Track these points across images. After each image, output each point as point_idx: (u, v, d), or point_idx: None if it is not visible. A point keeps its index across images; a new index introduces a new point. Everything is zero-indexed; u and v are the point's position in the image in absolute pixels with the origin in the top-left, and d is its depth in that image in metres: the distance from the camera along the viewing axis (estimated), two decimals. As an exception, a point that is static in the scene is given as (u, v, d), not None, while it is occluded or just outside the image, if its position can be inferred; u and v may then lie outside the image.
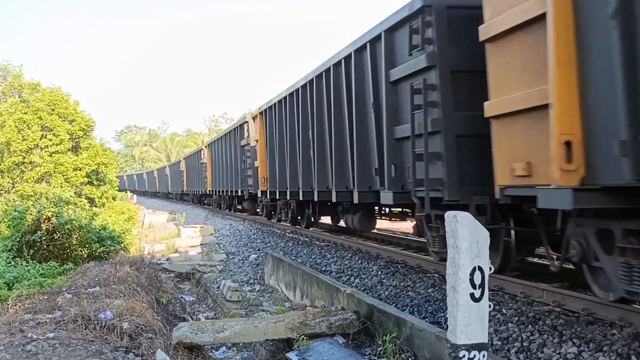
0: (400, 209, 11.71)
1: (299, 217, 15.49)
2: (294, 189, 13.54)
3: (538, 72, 5.08)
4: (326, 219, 15.52)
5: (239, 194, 22.65)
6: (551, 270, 6.21)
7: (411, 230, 14.10)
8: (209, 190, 30.75)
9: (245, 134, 20.94)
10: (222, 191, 26.62)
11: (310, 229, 14.83)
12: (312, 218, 14.89)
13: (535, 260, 8.31)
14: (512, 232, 6.85)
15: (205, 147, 32.44)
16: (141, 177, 72.47)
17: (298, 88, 13.07)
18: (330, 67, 10.86)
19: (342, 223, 13.92)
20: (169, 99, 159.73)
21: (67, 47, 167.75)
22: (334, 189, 10.88)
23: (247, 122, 20.71)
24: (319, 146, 11.76)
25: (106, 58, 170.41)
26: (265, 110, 16.41)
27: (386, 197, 8.39)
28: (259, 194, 18.11)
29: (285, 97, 14.26)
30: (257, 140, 18.04)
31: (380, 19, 8.46)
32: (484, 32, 5.90)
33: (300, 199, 13.14)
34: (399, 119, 8.10)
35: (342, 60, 10.19)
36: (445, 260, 5.93)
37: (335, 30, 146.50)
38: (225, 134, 26.14)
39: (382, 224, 14.14)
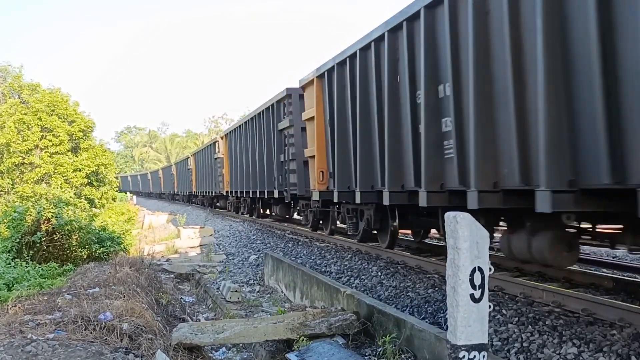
0: None
1: (374, 231, 10.66)
2: (367, 189, 9.37)
3: (313, 140, 11.68)
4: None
5: (275, 195, 16.53)
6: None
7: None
8: (226, 192, 25.16)
9: (287, 112, 14.85)
10: (244, 193, 21.25)
11: (395, 249, 10.12)
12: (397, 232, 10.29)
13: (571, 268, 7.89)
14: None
15: (222, 138, 26.30)
16: (145, 177, 71.83)
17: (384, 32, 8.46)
18: (261, 111, 17.46)
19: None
20: (168, 100, 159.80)
21: (67, 48, 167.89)
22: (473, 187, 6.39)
23: (290, 95, 14.55)
24: (427, 118, 7.33)
25: (106, 58, 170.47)
26: (326, 72, 11.00)
27: (275, 193, 16.24)
28: (315, 197, 11.79)
29: (239, 126, 16.90)
30: (311, 118, 11.99)
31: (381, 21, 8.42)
32: (302, 117, 12.74)
33: (386, 202, 8.49)
34: (281, 150, 15.67)
35: (263, 111, 17.89)
36: (313, 228, 14.22)
37: (336, 31, 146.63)
38: (251, 117, 19.57)
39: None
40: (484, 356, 3.97)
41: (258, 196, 19.20)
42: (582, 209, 5.06)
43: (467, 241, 3.94)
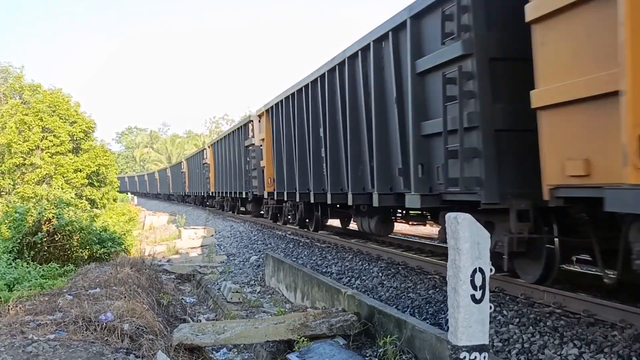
0: (420, 212, 10.15)
1: (306, 220, 14.80)
2: (304, 191, 13.01)
3: (605, 53, 4.42)
4: (334, 222, 14.70)
5: (243, 195, 21.44)
6: (605, 283, 5.75)
7: (411, 232, 14.16)
8: (212, 192, 29.95)
9: (250, 134, 19.69)
10: (225, 193, 25.65)
11: (319, 232, 14.12)
12: (322, 221, 14.14)
13: (571, 268, 7.80)
14: (556, 240, 6.18)
15: (209, 147, 31.67)
16: (142, 178, 72.23)
17: (308, 84, 12.35)
18: (344, 60, 10.10)
19: (352, 226, 13.85)
20: (169, 101, 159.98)
21: (68, 49, 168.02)
22: (350, 191, 10.09)
23: (252, 121, 19.46)
24: (332, 145, 11.03)
25: (107, 59, 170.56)
26: (272, 107, 15.67)
27: (412, 200, 7.53)
28: (265, 196, 17.37)
29: (293, 94, 13.56)
30: (262, 140, 17.25)
31: (406, 4, 7.62)
32: (533, 10, 5.18)
33: (312, 201, 12.44)
34: (427, 113, 7.35)
35: (359, 52, 9.47)
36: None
37: (337, 32, 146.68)
38: (228, 134, 25.14)
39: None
40: (484, 357, 3.97)
41: (237, 196, 23.21)
42: None
43: (467, 242, 3.94)
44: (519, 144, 6.10)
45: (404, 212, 10.75)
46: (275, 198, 16.09)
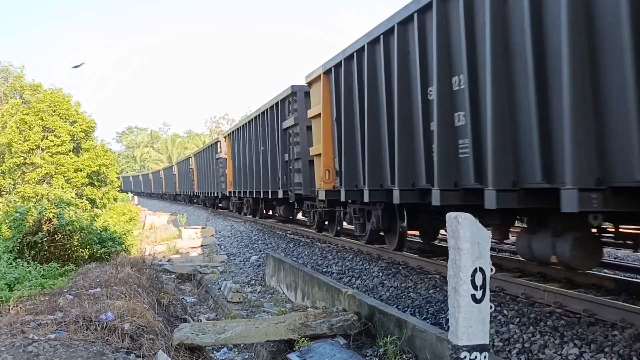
0: None
1: (381, 232, 10.38)
2: (375, 187, 9.05)
3: (319, 138, 11.40)
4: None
5: (280, 195, 16.11)
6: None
7: (411, 232, 14.07)
8: (229, 192, 24.94)
9: (292, 107, 14.82)
10: (248, 193, 20.85)
11: (402, 251, 9.83)
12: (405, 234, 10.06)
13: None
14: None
15: (224, 137, 26.26)
16: (147, 177, 71.82)
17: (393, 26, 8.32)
18: (265, 110, 17.49)
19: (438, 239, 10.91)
20: (170, 100, 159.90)
21: (69, 48, 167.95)
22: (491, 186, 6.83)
23: (295, 92, 14.29)
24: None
25: (108, 59, 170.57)
26: (335, 65, 10.54)
27: (280, 193, 16.14)
28: (322, 197, 11.35)
29: (242, 125, 20.40)
30: (318, 115, 11.56)
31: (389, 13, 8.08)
32: (308, 114, 12.49)
33: (397, 201, 8.17)
34: (285, 149, 15.53)
35: (267, 109, 17.67)
36: (318, 229, 13.78)
37: (337, 30, 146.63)
38: (256, 116, 19.07)
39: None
40: (485, 357, 3.97)
41: (262, 197, 18.48)
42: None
43: (468, 242, 3.94)
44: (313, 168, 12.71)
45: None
46: (344, 198, 10.23)
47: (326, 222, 13.42)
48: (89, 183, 23.07)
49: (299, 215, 18.31)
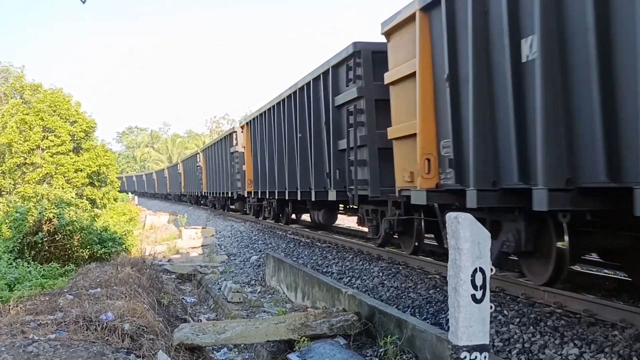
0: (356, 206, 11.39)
1: (280, 215, 18.08)
2: (280, 189, 15.97)
3: (409, 110, 7.81)
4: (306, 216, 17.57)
5: (229, 195, 21.66)
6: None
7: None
8: (204, 192, 30.84)
9: (234, 142, 23.43)
10: (216, 193, 28.11)
11: (291, 224, 17.45)
12: (292, 215, 17.57)
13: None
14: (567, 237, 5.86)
15: (201, 152, 31.57)
16: (140, 178, 71.75)
17: (279, 101, 15.61)
18: (296, 91, 13.99)
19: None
20: (170, 100, 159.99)
21: (69, 48, 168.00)
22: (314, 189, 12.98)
23: (236, 131, 23.05)
24: (301, 152, 13.80)
25: (108, 59, 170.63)
26: (250, 121, 19.94)
27: (331, 194, 11.89)
28: (245, 195, 20.62)
29: (269, 109, 16.91)
30: (408, 77, 8.40)
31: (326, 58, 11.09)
32: (387, 79, 8.64)
33: (286, 197, 15.26)
34: (340, 134, 11.22)
35: (311, 82, 12.88)
36: (382, 244, 10.32)
37: (337, 30, 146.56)
38: (216, 142, 27.30)
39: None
40: (485, 357, 3.97)
41: (300, 198, 14.09)
42: None
43: (468, 242, 3.94)
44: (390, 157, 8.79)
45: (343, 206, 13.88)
46: (259, 196, 18.76)
47: (259, 211, 15.46)
48: (89, 183, 23.08)
49: (354, 224, 14.29)
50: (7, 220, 12.92)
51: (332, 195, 11.70)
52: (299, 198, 13.98)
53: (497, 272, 4.26)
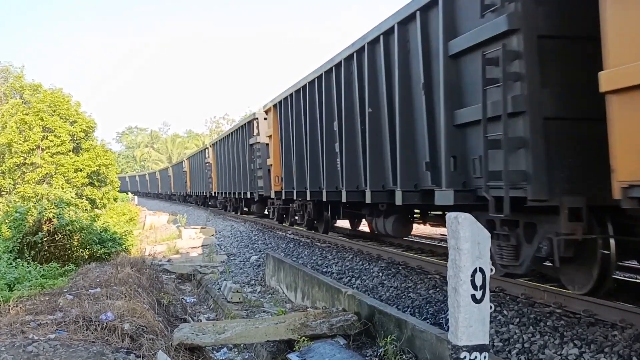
0: (441, 212, 9.36)
1: (315, 221, 14.09)
2: (315, 189, 12.35)
3: (271, 153, 14.13)
4: (342, 223, 14.98)
5: (248, 196, 21.27)
6: None
7: (412, 232, 13.91)
8: (215, 192, 29.84)
9: (255, 131, 19.53)
10: (229, 193, 25.77)
11: (329, 233, 13.67)
12: (331, 222, 13.72)
13: None
14: (612, 241, 5.60)
15: (210, 146, 30.94)
16: (143, 178, 71.29)
17: (321, 74, 11.61)
18: (364, 46, 9.36)
19: (362, 227, 14.61)
20: (170, 100, 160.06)
21: (69, 48, 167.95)
22: (368, 189, 9.29)
23: (257, 118, 19.35)
24: (347, 140, 10.28)
25: (108, 59, 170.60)
26: (281, 102, 14.91)
27: (444, 196, 6.74)
28: (272, 195, 16.65)
29: (305, 86, 12.74)
30: (269, 137, 16.41)
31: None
32: (265, 135, 15.25)
33: (324, 199, 11.71)
34: (461, 100, 6.58)
35: (381, 37, 8.73)
36: (512, 275, 6.43)
37: (337, 30, 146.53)
38: (231, 132, 24.93)
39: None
40: (485, 357, 3.97)
41: (241, 196, 22.60)
42: None
43: (468, 242, 3.94)
44: (571, 134, 5.47)
45: (422, 212, 10.23)
46: (283, 197, 15.08)
47: (284, 215, 16.96)
48: (89, 183, 23.08)
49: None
50: (7, 220, 12.92)
51: (249, 195, 13.86)
52: (241, 196, 16.81)
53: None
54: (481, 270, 3.96)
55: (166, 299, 8.94)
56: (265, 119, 17.35)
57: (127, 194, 46.77)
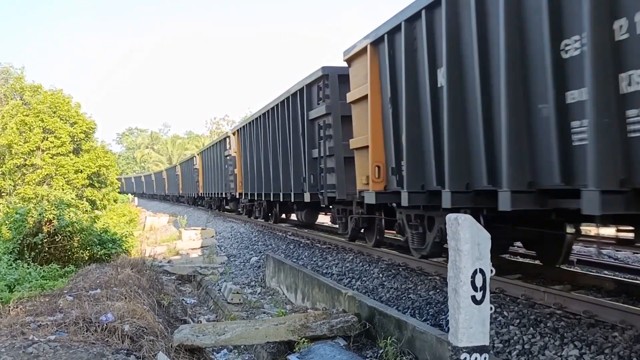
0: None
1: (269, 214, 19.38)
2: (267, 191, 17.22)
3: (364, 126, 9.23)
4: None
5: (223, 195, 26.69)
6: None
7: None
8: (201, 193, 32.66)
9: (228, 146, 24.59)
10: (212, 194, 29.75)
11: (282, 224, 18.55)
12: (279, 215, 18.89)
13: (572, 269, 8.18)
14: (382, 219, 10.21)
15: (197, 155, 33.90)
16: (139, 180, 71.21)
17: (267, 111, 16.78)
18: (284, 100, 14.67)
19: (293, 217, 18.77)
20: (170, 101, 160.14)
21: (69, 48, 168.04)
22: (292, 191, 14.41)
23: (229, 136, 24.16)
24: (283, 158, 15.13)
25: (109, 60, 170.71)
26: (241, 128, 21.70)
27: (306, 197, 13.25)
28: (237, 196, 23.09)
29: (258, 117, 18.11)
30: (362, 98, 9.89)
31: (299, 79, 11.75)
32: (349, 98, 9.97)
33: (281, 200, 15.70)
34: (313, 144, 12.41)
35: (290, 97, 14.03)
36: (351, 239, 11.68)
37: (337, 30, 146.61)
38: (211, 146, 29.95)
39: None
40: (485, 358, 3.97)
41: (282, 200, 15.66)
42: None
43: (468, 243, 3.94)
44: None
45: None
46: (249, 198, 20.45)
47: (362, 230, 11.43)
48: (89, 184, 23.08)
49: (328, 221, 16.96)
50: (7, 222, 12.91)
51: (307, 197, 13.33)
52: (281, 200, 15.95)
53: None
54: (481, 271, 3.97)
55: (166, 300, 8.94)
56: (234, 137, 22.33)
57: (127, 194, 46.68)
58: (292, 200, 14.46)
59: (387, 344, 5.45)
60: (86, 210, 17.85)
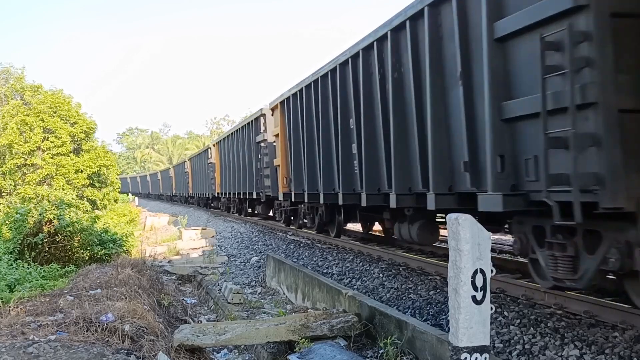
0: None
1: (326, 225, 13.38)
2: (329, 191, 11.33)
3: (278, 152, 15.77)
4: (352, 226, 14.30)
5: (253, 196, 20.13)
6: None
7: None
8: (218, 193, 28.30)
9: (262, 128, 18.40)
10: (232, 194, 24.52)
11: (341, 237, 12.97)
12: (343, 225, 13.13)
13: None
14: None
15: (214, 145, 29.81)
16: (145, 179, 69.96)
17: (335, 67, 10.61)
18: (387, 34, 8.33)
19: (375, 230, 13.52)
20: (170, 102, 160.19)
21: (70, 49, 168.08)
22: (393, 191, 8.28)
23: (264, 114, 18.19)
24: (367, 138, 9.30)
25: (109, 60, 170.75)
26: (288, 98, 13.89)
27: (491, 201, 5.73)
28: (280, 197, 15.35)
29: (316, 80, 11.75)
30: (277, 135, 15.30)
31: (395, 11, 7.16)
32: (272, 132, 15.80)
33: (340, 202, 10.70)
34: (510, 91, 5.61)
35: (407, 22, 7.67)
36: (568, 288, 5.66)
37: (338, 30, 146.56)
38: (236, 130, 23.65)
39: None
40: (485, 358, 3.97)
41: (247, 197, 21.42)
42: None
43: (468, 243, 3.94)
44: None
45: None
46: (292, 200, 14.07)
47: (292, 218, 16.27)
48: (90, 184, 23.08)
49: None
50: (7, 222, 12.90)
51: (254, 195, 18.49)
52: (247, 197, 17.37)
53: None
54: (482, 271, 3.96)
55: (166, 300, 8.93)
56: (273, 115, 16.57)
57: (128, 195, 46.66)
58: (248, 197, 18.75)
59: (387, 344, 5.44)
60: (86, 210, 17.83)
